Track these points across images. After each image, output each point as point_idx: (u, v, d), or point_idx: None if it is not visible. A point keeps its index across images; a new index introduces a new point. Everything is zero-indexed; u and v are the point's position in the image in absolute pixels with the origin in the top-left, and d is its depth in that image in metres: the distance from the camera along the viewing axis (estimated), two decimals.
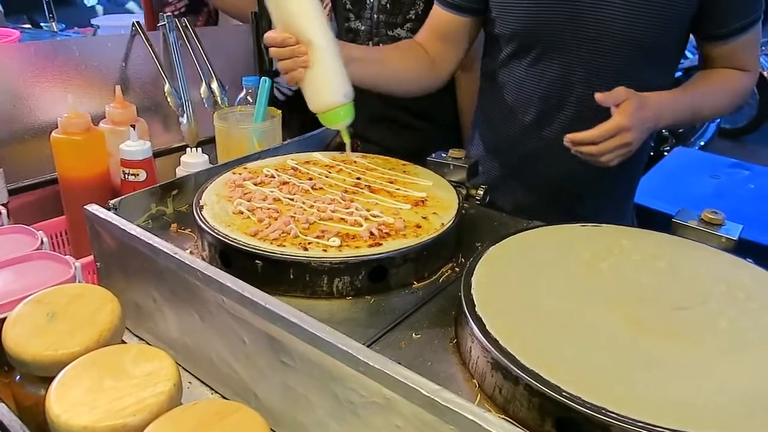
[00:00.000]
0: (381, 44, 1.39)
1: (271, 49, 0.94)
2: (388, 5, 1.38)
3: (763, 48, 5.04)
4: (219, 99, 1.27)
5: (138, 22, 1.19)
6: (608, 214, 1.22)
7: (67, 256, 0.74)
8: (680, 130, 3.90)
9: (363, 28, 1.44)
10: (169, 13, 1.20)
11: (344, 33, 1.50)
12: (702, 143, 4.26)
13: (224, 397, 0.74)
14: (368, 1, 1.41)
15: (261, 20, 1.37)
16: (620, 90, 0.94)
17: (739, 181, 2.02)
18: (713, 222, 0.87)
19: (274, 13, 0.94)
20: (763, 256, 1.46)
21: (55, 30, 2.98)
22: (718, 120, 4.62)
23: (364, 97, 0.98)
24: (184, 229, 0.93)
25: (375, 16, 1.41)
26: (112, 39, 1.19)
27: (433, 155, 1.08)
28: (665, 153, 3.85)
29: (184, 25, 1.24)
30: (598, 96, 0.94)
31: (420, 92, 1.18)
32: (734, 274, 0.74)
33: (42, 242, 0.77)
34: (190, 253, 0.85)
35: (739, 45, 1.06)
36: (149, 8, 1.36)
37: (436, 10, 1.17)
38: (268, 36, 0.94)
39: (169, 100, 1.26)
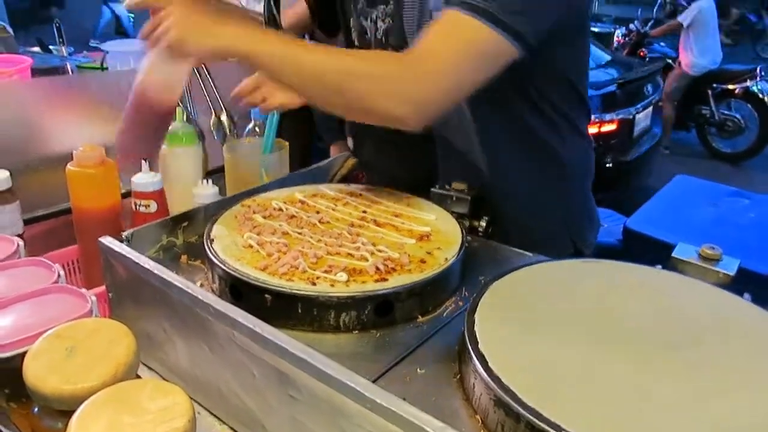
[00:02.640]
0: None
1: None
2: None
3: (763, 73, 5.11)
4: (228, 131, 1.30)
5: None
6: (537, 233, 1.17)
7: (83, 290, 0.76)
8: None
9: None
10: None
11: None
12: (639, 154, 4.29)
13: (233, 429, 0.76)
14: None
15: None
16: None
17: (740, 209, 2.04)
18: (711, 257, 0.89)
19: None
20: (763, 286, 1.49)
21: (65, 54, 3.03)
22: (658, 134, 4.64)
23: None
24: (194, 261, 0.96)
25: None
26: (126, 74, 1.23)
27: (437, 186, 1.11)
28: (608, 165, 3.94)
29: None
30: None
31: None
32: (731, 312, 0.76)
33: (59, 276, 0.79)
34: (200, 285, 0.88)
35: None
36: None
37: None
38: None
39: None
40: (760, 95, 5.04)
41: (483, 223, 1.08)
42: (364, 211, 1.00)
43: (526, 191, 1.18)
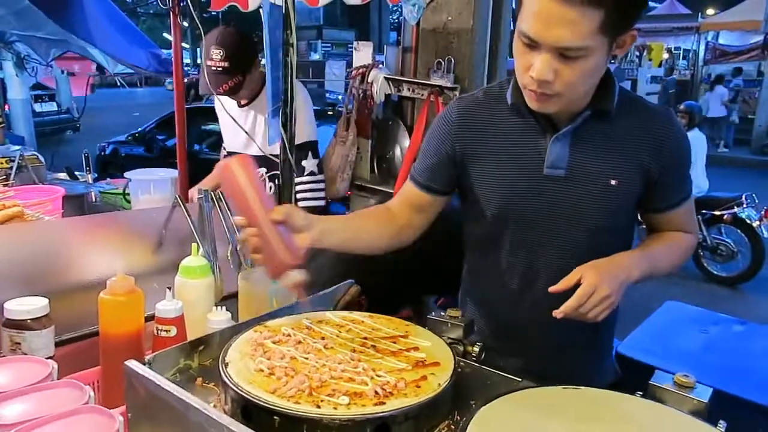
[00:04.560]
0: None
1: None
2: None
3: (748, 200, 5.34)
4: (243, 261, 1.43)
5: (179, 196, 1.40)
6: (590, 365, 1.37)
7: (111, 411, 0.84)
8: None
9: None
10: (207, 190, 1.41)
11: None
12: None
13: None
14: None
15: (283, 190, 1.58)
16: (572, 273, 1.13)
17: (728, 335, 2.11)
18: (685, 385, 0.97)
19: None
20: (744, 410, 1.53)
21: (90, 182, 3.25)
22: None
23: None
24: (208, 383, 1.04)
25: None
26: (155, 211, 1.39)
27: (433, 313, 1.21)
28: None
29: (217, 197, 1.45)
30: (553, 289, 1.13)
31: (383, 252, 1.32)
32: None
33: (89, 396, 0.88)
34: (214, 406, 0.96)
35: (680, 213, 1.29)
36: (185, 185, 1.58)
37: (410, 186, 1.35)
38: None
39: None
40: (748, 221, 5.23)
41: (476, 349, 1.16)
42: (365, 338, 1.10)
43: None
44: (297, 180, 2.11)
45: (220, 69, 2.18)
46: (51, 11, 3.95)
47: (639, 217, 1.35)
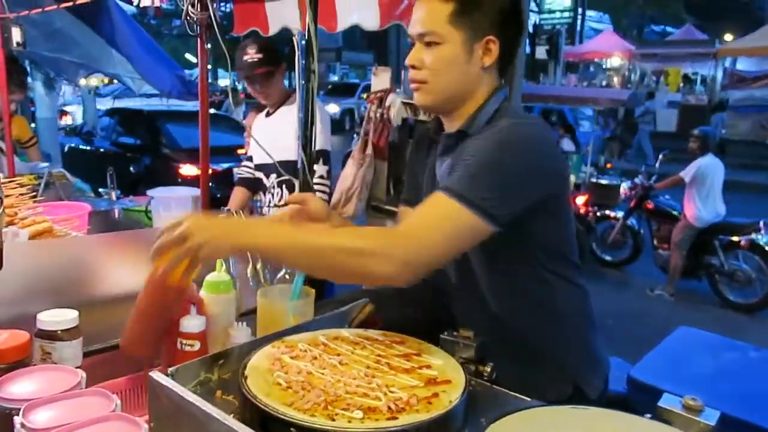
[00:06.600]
0: None
1: None
2: None
3: (766, 226, 5.29)
4: (262, 278, 1.48)
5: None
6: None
7: (137, 418, 0.89)
8: None
9: None
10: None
11: None
12: None
13: None
14: None
15: None
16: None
17: (741, 362, 2.11)
18: (693, 408, 0.99)
19: None
20: None
21: (114, 199, 3.34)
22: None
23: None
24: (227, 395, 1.08)
25: None
26: None
27: (446, 333, 1.24)
28: None
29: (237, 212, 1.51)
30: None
31: None
32: None
33: (116, 405, 0.92)
34: (233, 417, 1.00)
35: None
36: (206, 200, 1.63)
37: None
38: None
39: None
40: (767, 248, 5.19)
41: (488, 369, 1.19)
42: (379, 355, 1.13)
43: (524, 339, 1.32)
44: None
45: (255, 60, 2.69)
46: (91, 23, 4.16)
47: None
